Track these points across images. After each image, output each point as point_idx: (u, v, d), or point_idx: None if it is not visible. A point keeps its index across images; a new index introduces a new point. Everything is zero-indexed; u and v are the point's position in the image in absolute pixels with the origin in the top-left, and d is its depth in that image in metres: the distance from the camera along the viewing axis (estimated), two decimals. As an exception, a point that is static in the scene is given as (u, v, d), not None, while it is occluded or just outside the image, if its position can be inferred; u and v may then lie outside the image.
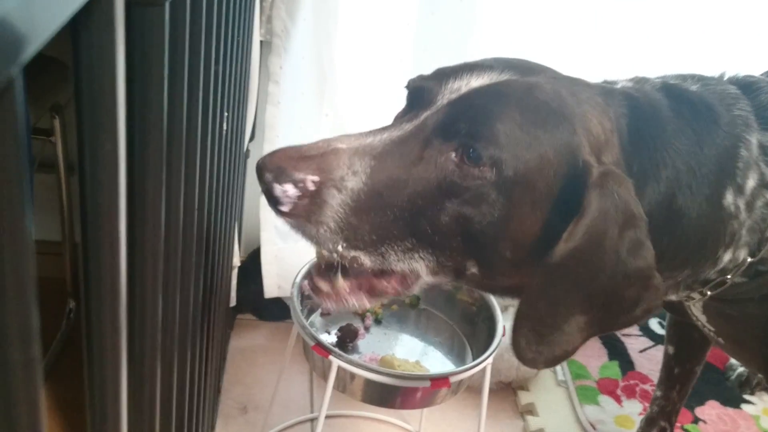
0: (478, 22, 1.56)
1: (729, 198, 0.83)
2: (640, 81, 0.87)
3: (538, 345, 0.76)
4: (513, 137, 0.71)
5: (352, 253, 0.74)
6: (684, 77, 0.89)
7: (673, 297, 0.93)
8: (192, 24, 0.55)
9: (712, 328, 1.03)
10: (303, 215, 0.71)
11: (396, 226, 0.73)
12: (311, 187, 0.70)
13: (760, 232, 0.86)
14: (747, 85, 0.88)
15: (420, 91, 0.80)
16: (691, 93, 0.85)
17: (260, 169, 0.72)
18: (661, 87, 0.85)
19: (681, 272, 0.87)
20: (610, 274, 0.72)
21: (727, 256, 0.86)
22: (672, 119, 0.81)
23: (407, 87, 0.83)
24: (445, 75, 0.80)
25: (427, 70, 1.63)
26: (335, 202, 0.71)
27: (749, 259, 0.87)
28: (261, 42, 1.49)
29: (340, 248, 0.73)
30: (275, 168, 0.71)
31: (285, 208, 0.71)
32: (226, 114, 0.91)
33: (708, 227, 0.83)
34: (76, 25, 0.30)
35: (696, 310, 1.02)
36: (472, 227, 0.73)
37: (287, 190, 0.70)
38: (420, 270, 0.77)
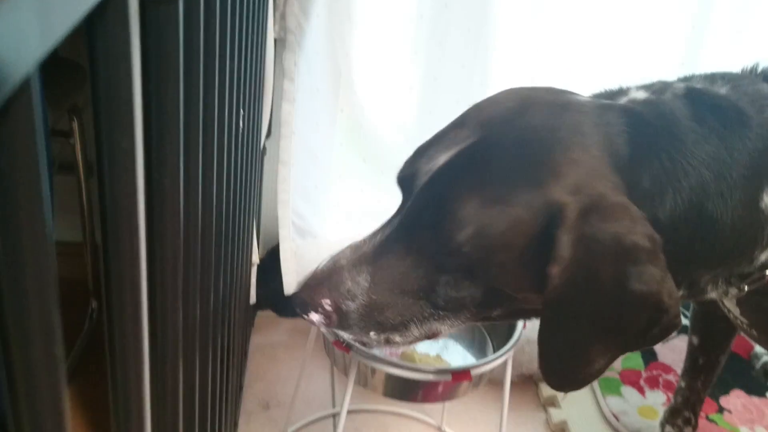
0: (492, 15, 1.55)
1: (766, 200, 0.81)
2: (659, 89, 0.85)
3: (563, 375, 0.80)
4: (476, 217, 0.74)
5: (383, 336, 0.85)
6: (713, 78, 0.87)
7: (713, 294, 0.90)
8: (206, 22, 0.55)
9: (745, 320, 1.02)
10: (336, 325, 0.84)
11: (412, 306, 0.82)
12: (329, 307, 0.83)
13: None
14: None
15: (406, 181, 0.86)
16: (718, 97, 0.83)
17: (293, 305, 0.88)
18: (685, 93, 0.83)
19: (714, 271, 0.85)
20: (615, 304, 0.73)
21: (764, 256, 0.85)
22: (693, 127, 0.79)
23: (397, 181, 0.89)
24: (420, 155, 0.85)
25: (443, 64, 1.63)
26: (352, 309, 0.82)
27: None
28: (275, 39, 1.49)
29: (373, 337, 0.85)
30: (300, 303, 0.86)
31: (323, 326, 0.86)
32: (242, 112, 0.92)
33: (744, 230, 0.81)
34: (91, 25, 0.30)
35: (729, 303, 1.01)
36: (475, 290, 0.79)
37: (314, 317, 0.84)
38: (444, 329, 0.85)
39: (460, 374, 1.08)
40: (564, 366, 0.78)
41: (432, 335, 0.87)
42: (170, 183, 0.49)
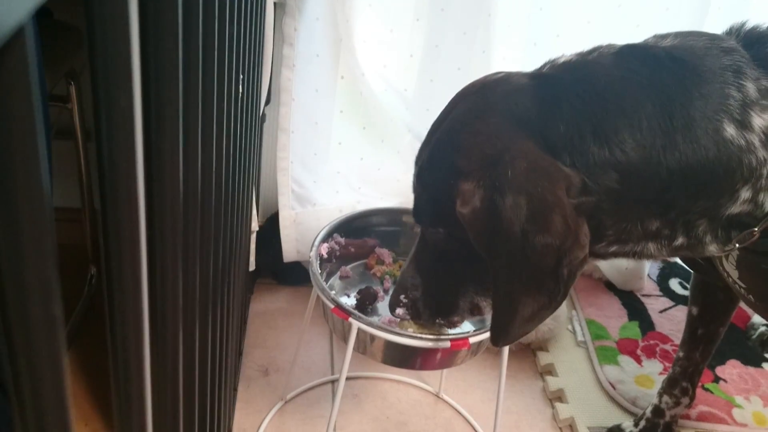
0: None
1: (730, 131, 0.84)
2: (590, 51, 0.92)
3: (499, 327, 0.91)
4: (431, 217, 0.97)
5: (447, 320, 1.08)
6: (665, 36, 0.93)
7: (713, 248, 0.92)
8: (205, -17, 0.54)
9: (744, 285, 1.02)
10: (414, 315, 1.08)
11: (448, 284, 1.02)
12: (405, 300, 1.07)
13: None
14: (754, 39, 0.90)
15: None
16: (653, 48, 0.89)
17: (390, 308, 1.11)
18: (617, 50, 0.89)
19: (697, 202, 0.87)
20: (521, 247, 0.82)
21: (744, 194, 0.86)
22: (611, 72, 0.86)
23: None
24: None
25: (444, 31, 1.61)
26: (418, 297, 1.06)
27: None
28: (275, 4, 1.47)
29: (440, 322, 1.09)
30: (392, 304, 1.10)
31: (408, 317, 1.10)
32: (241, 77, 0.91)
33: (714, 157, 0.84)
34: (87, -17, 0.29)
35: (729, 266, 1.01)
36: (469, 261, 0.95)
37: (399, 312, 1.09)
38: (483, 303, 1.03)
39: (459, 341, 1.08)
40: (500, 318, 0.89)
41: (477, 311, 1.05)
42: (169, 146, 0.48)
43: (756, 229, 0.89)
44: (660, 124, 0.84)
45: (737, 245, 0.91)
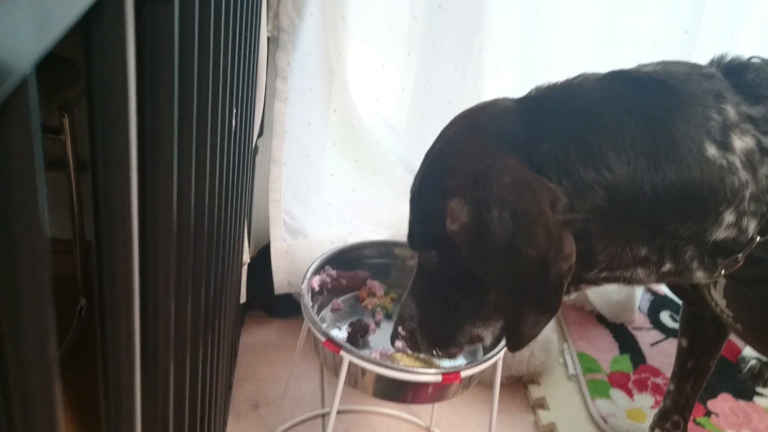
0: (485, 18, 1.56)
1: (712, 151, 0.85)
2: (576, 77, 0.94)
3: (511, 335, 0.93)
4: (424, 239, 0.98)
5: (444, 351, 1.07)
6: (648, 64, 0.95)
7: (699, 274, 0.93)
8: (201, 21, 0.55)
9: (731, 314, 1.02)
10: (412, 346, 1.08)
11: (446, 316, 1.01)
12: (403, 332, 1.08)
13: (765, 206, 0.87)
14: (734, 68, 0.93)
15: None
16: (636, 72, 0.92)
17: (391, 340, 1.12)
18: (602, 76, 0.92)
19: (684, 224, 0.88)
20: (510, 259, 0.83)
21: (728, 218, 0.87)
22: (594, 94, 0.88)
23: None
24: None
25: (435, 66, 1.63)
26: (416, 328, 1.06)
27: (758, 238, 0.88)
28: (268, 38, 1.49)
29: (437, 353, 1.08)
30: (392, 336, 1.10)
31: (408, 349, 1.09)
32: (234, 111, 0.91)
33: (697, 176, 0.85)
34: (86, 23, 0.30)
35: (716, 294, 1.02)
36: (467, 289, 0.97)
37: (399, 345, 1.09)
38: (485, 334, 1.03)
39: (450, 375, 1.08)
40: (510, 326, 0.92)
41: (477, 339, 1.04)
42: (164, 181, 0.49)
43: (740, 255, 0.89)
44: (643, 142, 0.85)
45: (723, 272, 0.92)
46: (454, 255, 0.91)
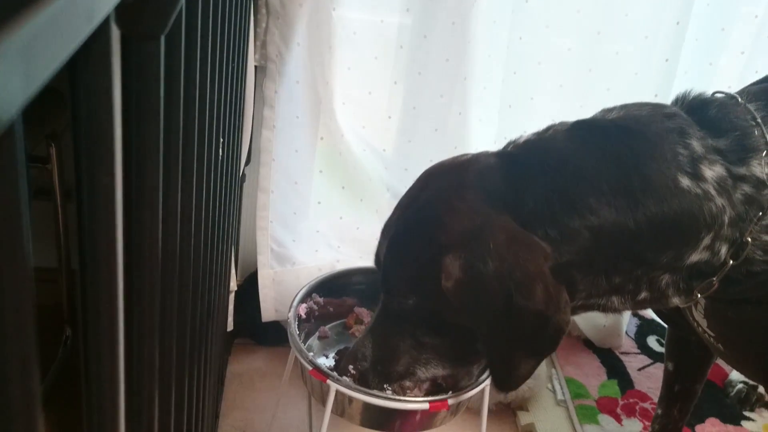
0: (470, 47, 1.58)
1: (685, 182, 0.88)
2: (545, 130, 0.98)
3: (500, 378, 0.96)
4: (402, 287, 0.98)
5: (396, 385, 1.08)
6: (611, 109, 0.99)
7: (676, 300, 0.96)
8: (187, 54, 0.56)
9: (713, 333, 1.04)
10: (360, 383, 1.09)
11: (405, 356, 1.04)
12: (353, 371, 1.10)
13: (739, 231, 0.90)
14: (696, 105, 0.97)
15: (377, 262, 1.06)
16: (600, 121, 0.96)
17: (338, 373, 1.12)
18: (569, 127, 0.95)
19: (665, 252, 0.91)
20: (506, 315, 0.86)
21: (706, 241, 0.90)
22: (566, 146, 0.92)
23: (374, 263, 1.08)
24: (382, 235, 1.05)
25: (421, 93, 1.65)
26: (367, 368, 1.08)
27: (731, 262, 0.91)
28: (256, 67, 1.50)
29: (389, 387, 1.09)
30: (340, 371, 1.12)
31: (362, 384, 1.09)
32: (222, 140, 0.92)
33: (677, 206, 0.88)
34: (73, 62, 0.30)
35: (698, 315, 1.03)
36: (436, 332, 0.99)
37: (345, 381, 1.09)
38: (450, 371, 1.07)
39: (437, 403, 1.08)
40: (498, 371, 0.95)
41: (448, 382, 1.08)
42: (149, 213, 0.49)
43: (714, 278, 0.92)
44: (619, 184, 0.88)
45: (699, 295, 0.94)
46: (433, 305, 0.95)
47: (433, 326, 0.99)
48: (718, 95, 0.98)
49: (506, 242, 0.86)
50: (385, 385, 1.08)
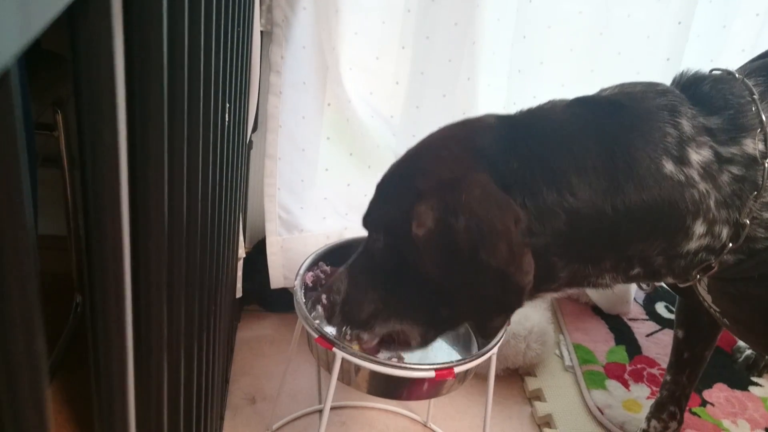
0: (478, 11, 1.55)
1: (669, 167, 0.87)
2: (546, 102, 0.98)
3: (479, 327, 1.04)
4: (379, 220, 1.00)
5: (354, 332, 1.06)
6: (607, 88, 0.98)
7: (670, 278, 0.96)
8: (191, 13, 0.54)
9: (718, 309, 1.03)
10: (329, 315, 1.07)
11: (372, 305, 1.02)
12: (325, 301, 1.06)
13: (737, 211, 0.89)
14: (691, 81, 0.95)
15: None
16: (596, 97, 0.96)
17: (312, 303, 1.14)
18: (567, 102, 0.95)
19: (652, 243, 0.90)
20: (472, 269, 0.87)
21: (699, 229, 0.89)
22: (560, 118, 0.92)
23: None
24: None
25: (429, 59, 1.63)
26: (337, 302, 1.05)
27: (730, 245, 0.90)
28: (261, 32, 1.48)
29: (347, 331, 1.07)
30: (314, 301, 1.11)
31: (325, 318, 1.08)
32: (228, 105, 0.91)
33: (657, 196, 0.87)
34: (73, 17, 0.30)
35: (702, 290, 1.03)
36: (409, 288, 0.97)
37: (319, 309, 1.09)
38: (413, 337, 1.02)
39: (444, 371, 1.08)
40: (476, 323, 1.00)
41: (401, 342, 1.04)
42: (154, 176, 0.48)
43: (713, 261, 0.92)
44: (604, 164, 0.87)
45: (698, 276, 0.94)
46: (401, 247, 0.94)
47: (401, 277, 0.98)
48: (716, 72, 0.96)
49: (479, 197, 0.86)
50: (344, 328, 1.07)
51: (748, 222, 0.89)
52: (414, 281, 0.96)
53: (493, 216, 0.85)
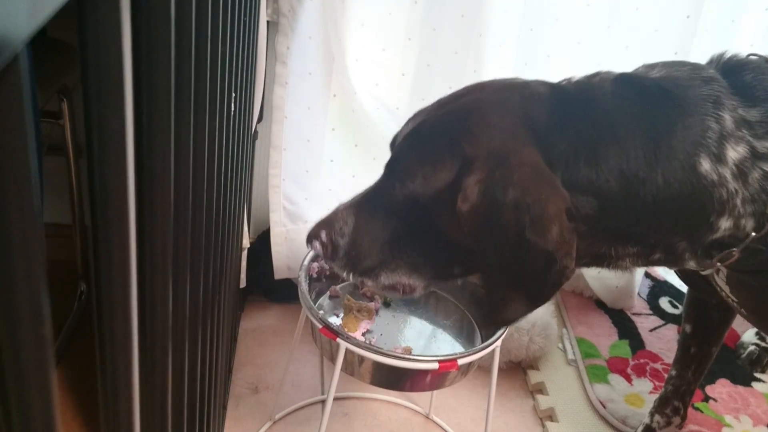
0: (485, 2, 1.54)
1: (705, 166, 0.87)
2: (593, 76, 0.95)
3: (488, 314, 0.97)
4: (411, 170, 0.93)
5: (359, 278, 1.02)
6: (654, 66, 0.96)
7: (692, 264, 0.96)
8: (198, 2, 0.54)
9: (735, 299, 1.04)
10: (329, 256, 1.02)
11: (381, 253, 0.98)
12: (325, 239, 1.01)
13: (763, 204, 0.89)
14: (732, 67, 0.94)
15: (392, 143, 1.04)
16: (645, 79, 0.93)
17: (307, 238, 1.04)
18: (614, 78, 0.93)
19: (678, 234, 0.91)
20: (514, 247, 0.85)
21: (725, 224, 0.89)
22: (611, 101, 0.90)
23: (390, 145, 1.04)
24: (405, 123, 1.02)
25: (436, 51, 1.62)
26: (341, 245, 1.00)
27: (753, 234, 0.90)
28: (268, 22, 1.48)
29: (350, 276, 1.02)
30: (308, 236, 1.03)
31: (323, 256, 1.02)
32: (233, 95, 0.91)
33: (688, 194, 0.87)
34: (81, 4, 0.29)
35: (720, 281, 1.03)
36: (427, 242, 0.95)
37: (316, 246, 1.02)
38: (417, 286, 1.01)
39: (447, 363, 1.08)
40: (489, 305, 0.92)
41: (405, 291, 1.01)
42: (160, 165, 0.48)
43: (735, 249, 0.91)
44: (645, 155, 0.87)
45: (719, 264, 0.94)
46: (434, 210, 0.91)
47: (418, 231, 0.95)
48: (753, 57, 0.95)
49: (532, 176, 0.84)
50: (347, 271, 1.01)
51: None
52: (434, 238, 0.93)
53: (547, 197, 0.84)
